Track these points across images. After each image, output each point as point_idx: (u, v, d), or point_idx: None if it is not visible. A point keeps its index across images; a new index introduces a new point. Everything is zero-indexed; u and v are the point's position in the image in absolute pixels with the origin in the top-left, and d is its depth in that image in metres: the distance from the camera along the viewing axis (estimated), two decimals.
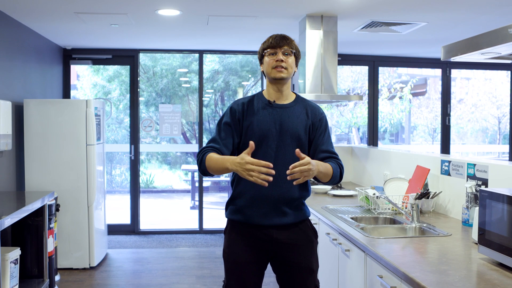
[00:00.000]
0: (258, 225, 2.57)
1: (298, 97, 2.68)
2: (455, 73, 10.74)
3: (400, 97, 10.67)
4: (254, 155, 2.50)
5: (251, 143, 2.35)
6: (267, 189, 2.49)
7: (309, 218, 2.72)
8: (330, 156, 2.63)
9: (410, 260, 2.39)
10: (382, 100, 10.34)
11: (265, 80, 2.73)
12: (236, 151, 2.63)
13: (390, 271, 2.32)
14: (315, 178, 2.55)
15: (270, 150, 2.55)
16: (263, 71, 2.65)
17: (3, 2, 4.44)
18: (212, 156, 2.49)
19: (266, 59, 2.57)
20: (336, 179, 2.61)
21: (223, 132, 2.60)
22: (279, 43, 2.54)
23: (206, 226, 7.20)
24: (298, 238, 2.61)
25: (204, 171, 2.53)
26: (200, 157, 2.53)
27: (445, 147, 7.40)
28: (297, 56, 2.61)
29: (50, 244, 4.55)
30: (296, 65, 2.63)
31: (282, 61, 2.53)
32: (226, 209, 2.71)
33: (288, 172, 2.32)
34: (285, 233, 2.58)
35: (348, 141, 11.46)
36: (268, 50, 2.56)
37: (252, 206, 2.57)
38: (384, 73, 10.36)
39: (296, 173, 2.32)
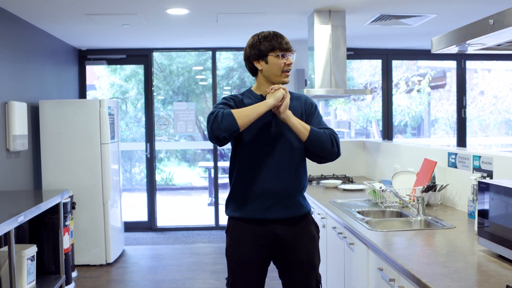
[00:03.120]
0: (261, 220, 2.57)
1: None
2: (476, 64, 10.59)
3: (418, 90, 10.57)
4: (252, 148, 2.54)
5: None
6: (267, 183, 2.52)
7: (311, 212, 2.73)
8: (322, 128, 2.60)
9: (409, 252, 2.39)
10: (399, 93, 10.26)
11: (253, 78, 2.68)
12: (233, 141, 2.61)
13: (389, 264, 2.33)
14: (309, 153, 2.58)
15: (268, 144, 2.55)
16: (260, 69, 2.57)
17: (18, 6, 4.54)
18: (236, 110, 2.41)
19: (274, 60, 2.52)
20: (326, 144, 2.51)
21: (229, 103, 2.54)
22: (289, 47, 2.53)
23: (222, 222, 7.26)
24: (301, 235, 2.61)
25: (226, 127, 2.35)
26: (216, 115, 2.37)
27: (461, 140, 7.33)
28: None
29: (66, 241, 4.65)
30: None
31: (291, 64, 2.54)
32: (226, 207, 2.69)
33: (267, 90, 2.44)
34: (288, 229, 2.58)
35: (366, 135, 11.41)
36: (277, 51, 2.52)
37: (253, 201, 2.56)
38: (402, 66, 10.27)
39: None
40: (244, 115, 2.38)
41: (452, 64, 9.72)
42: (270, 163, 2.54)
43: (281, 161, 2.54)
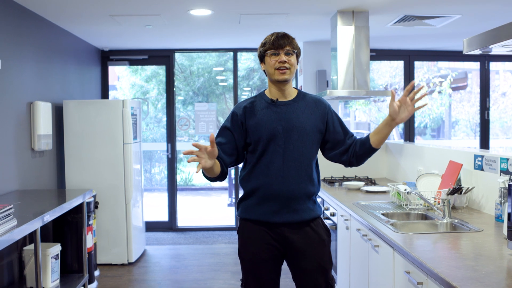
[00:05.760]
0: (270, 223, 2.58)
1: (300, 93, 2.68)
2: (498, 65, 10.46)
3: (439, 92, 10.47)
4: (263, 154, 2.56)
5: (211, 136, 2.27)
6: (277, 186, 2.53)
7: (321, 216, 2.72)
8: (355, 138, 2.68)
9: (437, 255, 2.37)
10: (420, 94, 10.17)
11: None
12: (242, 154, 2.65)
13: (417, 267, 2.31)
14: (364, 150, 2.61)
15: (278, 148, 2.55)
16: (264, 71, 2.64)
17: (42, 7, 4.60)
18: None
19: (268, 59, 2.55)
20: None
21: (220, 137, 2.62)
22: (281, 44, 2.52)
23: None
24: (310, 239, 2.60)
25: (208, 178, 2.56)
26: None
27: (485, 142, 7.24)
28: (298, 55, 2.60)
29: (89, 240, 4.69)
30: (297, 63, 2.61)
31: (285, 61, 2.52)
32: (237, 208, 2.72)
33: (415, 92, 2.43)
34: (296, 233, 2.58)
35: None
36: (270, 51, 2.54)
37: (263, 203, 2.57)
38: (423, 67, 10.19)
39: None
40: (207, 173, 2.47)
41: (473, 65, 9.63)
42: (279, 167, 2.55)
43: (290, 166, 2.55)
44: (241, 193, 2.73)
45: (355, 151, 2.63)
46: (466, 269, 2.09)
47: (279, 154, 2.55)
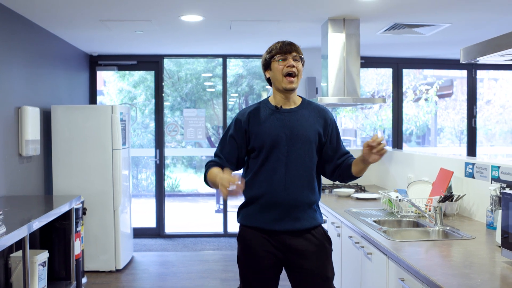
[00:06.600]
0: (270, 231, 2.57)
1: (304, 100, 2.68)
2: (482, 74, 10.57)
3: (426, 99, 10.56)
4: (265, 162, 2.55)
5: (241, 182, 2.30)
6: (279, 194, 2.52)
7: (322, 224, 2.71)
8: (349, 156, 2.67)
9: (432, 263, 2.38)
10: (407, 102, 10.24)
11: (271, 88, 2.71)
12: (242, 161, 2.66)
13: (412, 275, 2.31)
14: (347, 176, 2.61)
15: (281, 156, 2.54)
16: (268, 78, 2.63)
17: (31, 11, 4.55)
18: (212, 171, 2.53)
19: (275, 65, 2.55)
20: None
21: (228, 146, 2.63)
22: (288, 49, 2.54)
23: (230, 229, 7.23)
24: (311, 245, 2.58)
25: (207, 184, 2.60)
26: (205, 171, 2.61)
27: (471, 150, 7.31)
28: (303, 63, 2.61)
29: (77, 247, 4.63)
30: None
31: (293, 66, 2.52)
32: (238, 214, 2.71)
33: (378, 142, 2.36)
34: (297, 240, 2.56)
35: None
36: (278, 56, 2.54)
37: (264, 211, 2.56)
38: (409, 75, 10.26)
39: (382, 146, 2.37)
40: (211, 183, 2.54)
41: (458, 73, 9.72)
42: (282, 175, 2.54)
43: (292, 174, 2.54)
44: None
45: (340, 174, 2.65)
46: (461, 277, 2.10)
47: (282, 162, 2.54)
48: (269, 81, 2.66)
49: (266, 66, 2.62)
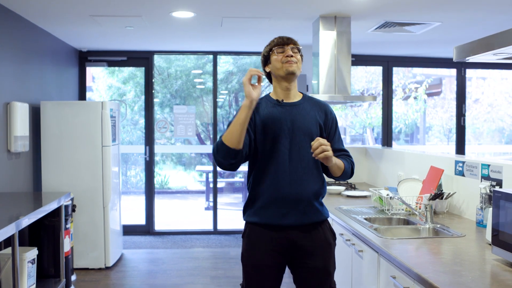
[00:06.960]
0: (277, 226, 2.56)
1: (305, 96, 2.69)
2: (470, 72, 10.63)
3: (415, 97, 10.61)
4: (269, 154, 2.54)
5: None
6: (284, 189, 2.51)
7: (328, 219, 2.71)
8: (342, 154, 2.67)
9: (423, 260, 2.39)
10: (396, 100, 10.29)
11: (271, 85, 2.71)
12: (248, 147, 2.55)
13: (403, 272, 2.32)
14: (327, 173, 2.62)
15: (284, 149, 2.54)
16: (269, 72, 2.64)
17: (20, 5, 4.51)
18: (226, 131, 2.45)
19: (274, 57, 2.57)
20: (347, 174, 2.69)
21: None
22: (286, 41, 2.56)
23: (220, 227, 7.23)
24: (317, 242, 2.59)
25: (224, 156, 2.43)
26: (215, 145, 2.47)
27: (460, 148, 7.36)
28: (301, 56, 2.62)
29: (66, 244, 4.60)
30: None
31: (291, 55, 2.53)
32: (244, 212, 2.68)
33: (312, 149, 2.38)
34: (304, 236, 2.57)
35: (362, 142, 11.42)
36: (276, 47, 2.56)
37: (270, 206, 2.55)
38: (399, 73, 10.30)
39: (317, 147, 2.37)
40: (231, 134, 2.41)
41: (447, 72, 9.78)
42: (287, 169, 2.53)
43: (298, 168, 2.54)
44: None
45: (325, 170, 2.67)
46: (453, 274, 2.11)
47: (285, 155, 2.53)
48: (269, 77, 2.67)
49: (266, 60, 2.63)
